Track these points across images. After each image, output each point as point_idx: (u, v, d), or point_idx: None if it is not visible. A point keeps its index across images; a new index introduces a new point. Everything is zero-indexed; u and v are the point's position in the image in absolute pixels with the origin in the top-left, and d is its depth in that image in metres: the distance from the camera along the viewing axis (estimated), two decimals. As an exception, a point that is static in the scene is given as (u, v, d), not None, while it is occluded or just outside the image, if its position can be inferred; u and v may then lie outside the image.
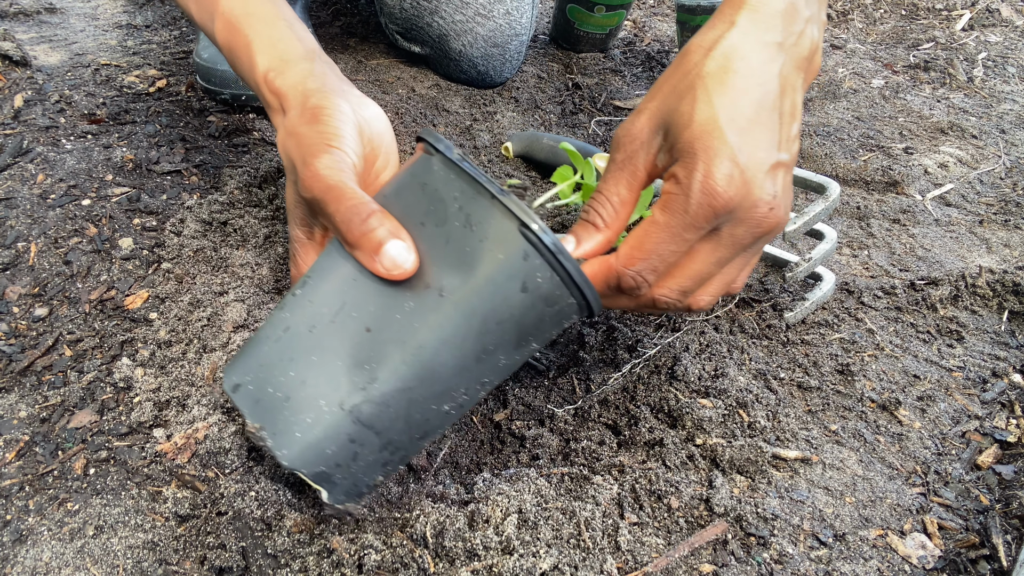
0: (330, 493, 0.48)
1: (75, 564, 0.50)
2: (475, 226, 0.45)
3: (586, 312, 0.49)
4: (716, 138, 0.48)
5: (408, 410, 0.47)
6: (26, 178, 0.84)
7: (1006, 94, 1.32)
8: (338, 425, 0.46)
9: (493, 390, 0.76)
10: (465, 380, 0.48)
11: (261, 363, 0.49)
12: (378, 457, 0.48)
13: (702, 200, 0.48)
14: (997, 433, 0.64)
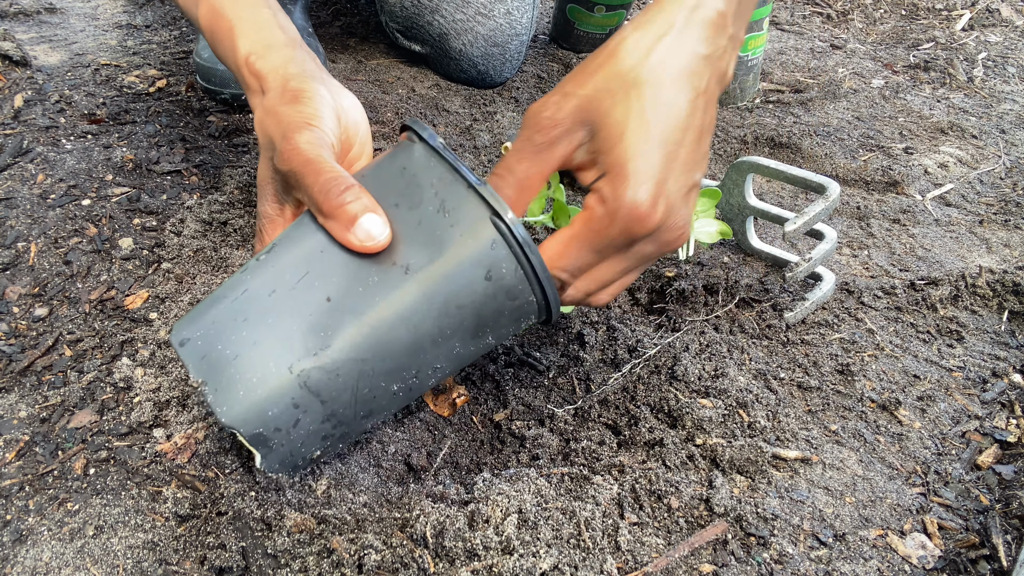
0: (264, 458, 0.48)
1: (75, 564, 0.50)
2: (448, 212, 0.46)
3: (544, 315, 0.50)
4: (647, 162, 0.48)
5: (357, 382, 0.47)
6: (26, 178, 0.84)
7: (1006, 94, 1.32)
8: (284, 387, 0.46)
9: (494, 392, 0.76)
10: (418, 361, 0.48)
11: (214, 320, 0.48)
12: (319, 428, 0.48)
13: (626, 225, 0.49)
14: (997, 433, 0.64)
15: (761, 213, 0.83)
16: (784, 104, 1.26)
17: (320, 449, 0.50)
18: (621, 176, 0.48)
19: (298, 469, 0.51)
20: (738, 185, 0.83)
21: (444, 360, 0.49)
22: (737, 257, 0.85)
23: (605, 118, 0.49)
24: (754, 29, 1.15)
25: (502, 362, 0.79)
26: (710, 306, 0.76)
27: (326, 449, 0.51)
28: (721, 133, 1.15)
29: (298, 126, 0.54)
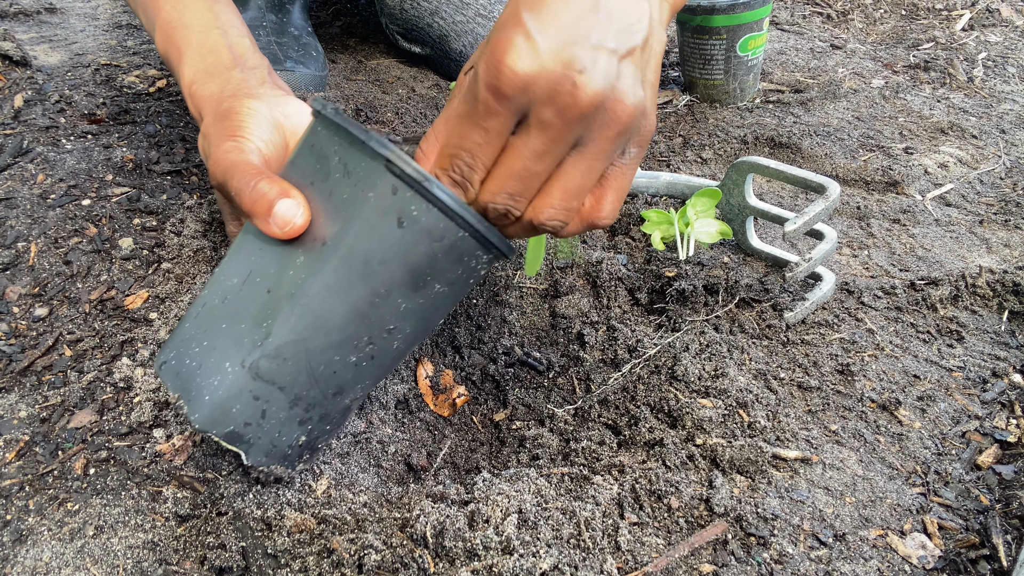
0: (247, 454, 0.49)
1: (75, 564, 0.50)
2: (351, 173, 0.46)
3: (492, 249, 0.48)
4: (510, 22, 0.43)
5: (308, 362, 0.48)
6: (26, 178, 0.84)
7: (1006, 94, 1.32)
8: (240, 383, 0.47)
9: (494, 392, 0.76)
10: (365, 327, 0.48)
11: (182, 338, 0.51)
12: (290, 414, 0.49)
13: (488, 78, 0.43)
14: (997, 433, 0.64)
15: (761, 213, 0.83)
16: (784, 104, 1.26)
17: (304, 434, 0.51)
18: (488, 43, 0.44)
19: (291, 458, 0.52)
20: (738, 185, 0.83)
21: (395, 319, 0.49)
22: (737, 257, 0.85)
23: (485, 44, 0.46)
24: (754, 29, 1.15)
25: (502, 362, 0.79)
26: (710, 306, 0.76)
27: (311, 433, 0.51)
28: (721, 133, 1.15)
29: (221, 140, 0.56)
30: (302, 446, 0.52)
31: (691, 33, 1.18)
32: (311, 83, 1.02)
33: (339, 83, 1.18)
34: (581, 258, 0.83)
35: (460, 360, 0.82)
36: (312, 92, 1.01)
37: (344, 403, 0.52)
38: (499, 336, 0.82)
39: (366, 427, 0.70)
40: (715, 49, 1.18)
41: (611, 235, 0.89)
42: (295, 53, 1.04)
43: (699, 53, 1.19)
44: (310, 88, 1.02)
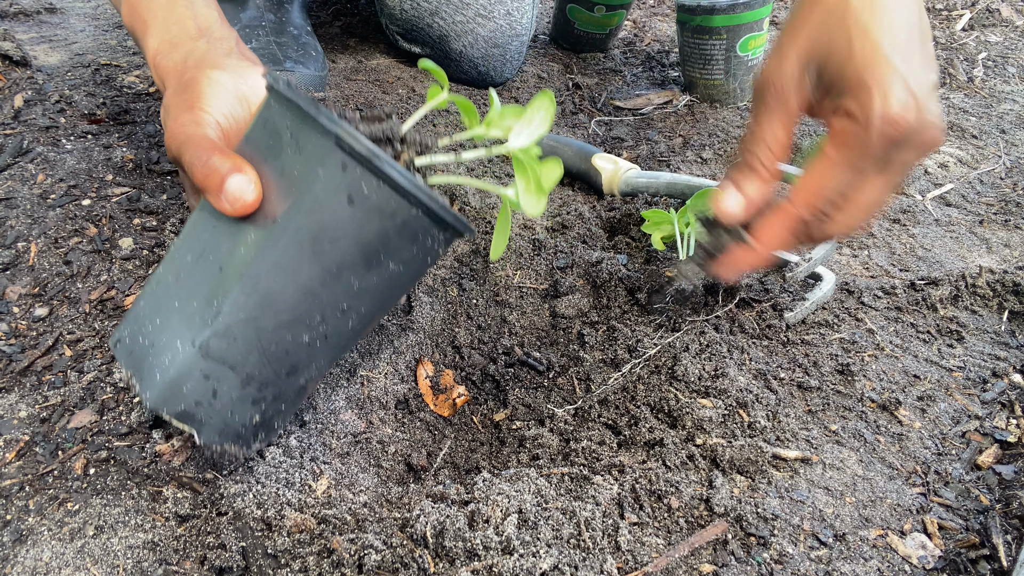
0: (200, 433, 0.49)
1: (75, 564, 0.50)
2: (302, 149, 0.45)
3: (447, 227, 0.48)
4: (885, 67, 0.48)
5: (259, 341, 0.47)
6: (26, 178, 0.84)
7: (1006, 94, 1.32)
8: (190, 362, 0.47)
9: (494, 392, 0.76)
10: (317, 306, 0.47)
11: (136, 316, 0.51)
12: (242, 394, 0.49)
13: (883, 130, 0.49)
14: (997, 433, 0.64)
15: (761, 213, 0.83)
16: (784, 104, 1.26)
17: (257, 414, 0.50)
18: (862, 87, 0.49)
19: (245, 438, 0.51)
20: (738, 185, 0.83)
21: (349, 299, 0.48)
22: (737, 257, 0.85)
23: (829, 50, 0.51)
24: (754, 29, 1.15)
25: (502, 362, 0.79)
26: (710, 306, 0.76)
27: (266, 413, 0.51)
28: (721, 133, 1.15)
29: (179, 112, 0.54)
30: (257, 425, 0.51)
31: (691, 33, 1.18)
32: (311, 83, 1.02)
33: (339, 83, 1.18)
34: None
35: (460, 360, 0.82)
36: (312, 92, 1.01)
37: (299, 383, 0.51)
38: (499, 336, 0.82)
39: (366, 427, 0.70)
40: (715, 49, 1.18)
41: (611, 235, 0.89)
42: (294, 53, 1.04)
43: (699, 53, 1.19)
44: (310, 88, 1.01)
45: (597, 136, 1.15)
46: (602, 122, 1.19)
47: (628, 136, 1.15)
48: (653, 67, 1.40)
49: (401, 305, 0.82)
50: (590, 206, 0.93)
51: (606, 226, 0.90)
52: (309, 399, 0.67)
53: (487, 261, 0.84)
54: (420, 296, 0.82)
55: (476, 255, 0.85)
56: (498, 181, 0.93)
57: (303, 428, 0.65)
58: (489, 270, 0.84)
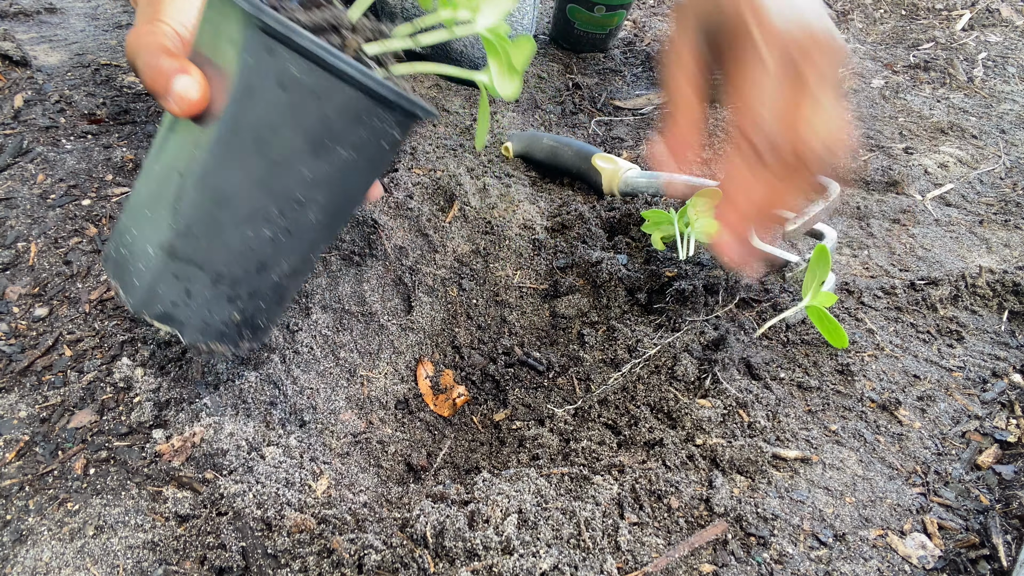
0: (183, 333, 0.51)
1: (75, 564, 0.50)
2: (234, 41, 0.45)
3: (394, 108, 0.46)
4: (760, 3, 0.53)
5: (221, 238, 0.49)
6: (26, 178, 0.84)
7: (1006, 94, 1.32)
8: (161, 265, 0.49)
9: (494, 392, 0.76)
10: (271, 199, 0.48)
11: (117, 232, 0.53)
12: (215, 292, 0.51)
13: (769, 40, 0.52)
14: (997, 433, 0.64)
15: (761, 213, 0.83)
16: (784, 104, 1.26)
17: (236, 312, 0.52)
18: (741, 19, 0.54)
19: (229, 336, 0.53)
20: (738, 185, 0.83)
21: (303, 189, 0.48)
22: (737, 257, 0.85)
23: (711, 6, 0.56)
24: (754, 29, 1.15)
25: (502, 362, 0.79)
26: (710, 306, 0.76)
27: (245, 312, 0.52)
28: (721, 133, 1.15)
29: (139, 25, 0.56)
30: (239, 324, 0.53)
31: (691, 33, 1.18)
32: None
33: (339, 83, 1.18)
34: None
35: (460, 360, 0.82)
36: None
37: (272, 279, 0.52)
38: (499, 336, 0.82)
39: (366, 427, 0.70)
40: (715, 49, 1.18)
41: (611, 235, 0.89)
42: None
43: (699, 53, 1.19)
44: None
45: (597, 136, 1.15)
46: (602, 122, 1.19)
47: (628, 136, 1.15)
48: (653, 67, 1.40)
49: (401, 305, 0.82)
50: (590, 206, 0.93)
51: (606, 226, 0.90)
52: (308, 402, 0.67)
53: (487, 261, 0.84)
54: (420, 296, 0.82)
55: (476, 255, 0.85)
56: (498, 181, 0.93)
57: (303, 428, 0.65)
58: (489, 270, 0.84)
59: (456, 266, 0.84)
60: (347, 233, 0.83)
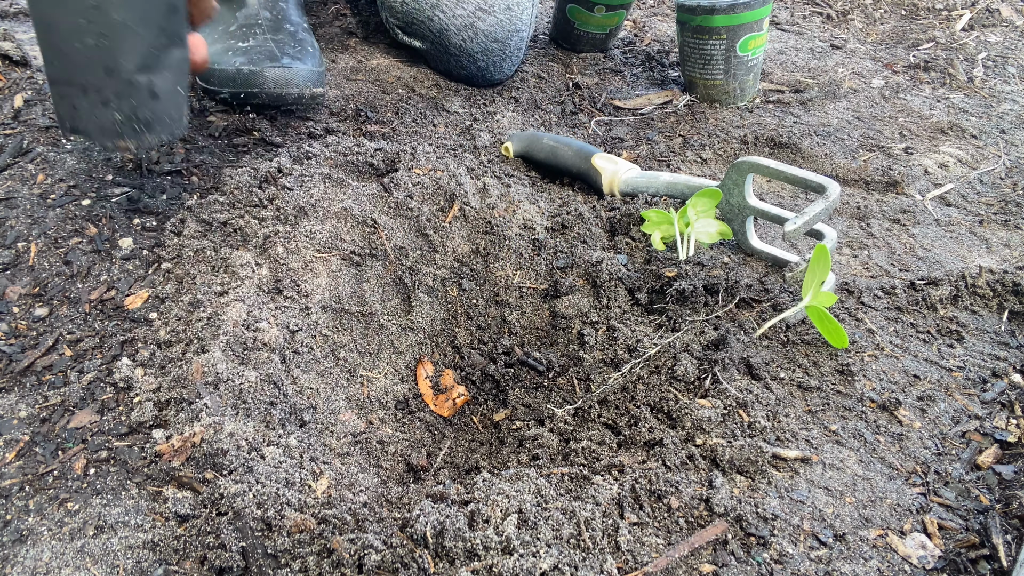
0: (89, 138, 0.66)
1: (75, 564, 0.50)
2: None
3: None
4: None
5: (65, 56, 0.63)
6: (26, 178, 0.84)
7: (1006, 94, 1.32)
8: (52, 92, 0.65)
9: (494, 392, 0.76)
10: (70, 12, 0.60)
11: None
12: (90, 100, 0.65)
13: None
14: (997, 433, 0.64)
15: (761, 213, 0.83)
16: (784, 104, 1.26)
17: (117, 112, 0.66)
18: None
19: (127, 134, 0.67)
20: (738, 185, 0.83)
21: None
22: (737, 257, 0.85)
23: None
24: (754, 29, 1.15)
25: (502, 362, 0.79)
26: (710, 306, 0.76)
27: (123, 110, 0.66)
28: (721, 133, 1.15)
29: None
30: (125, 121, 0.67)
31: (691, 33, 1.18)
32: (308, 78, 1.02)
33: (339, 83, 1.18)
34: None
35: (460, 360, 0.82)
36: (311, 88, 1.02)
37: (124, 79, 0.65)
38: (499, 336, 0.82)
39: (366, 427, 0.70)
40: (715, 49, 1.18)
41: (611, 235, 0.89)
42: (291, 49, 1.04)
43: (699, 53, 1.19)
44: (308, 83, 1.02)
45: (597, 136, 1.15)
46: (602, 122, 1.19)
47: (628, 136, 1.15)
48: (653, 67, 1.40)
49: (401, 305, 0.82)
50: (590, 206, 0.93)
51: (606, 226, 0.90)
52: (308, 402, 0.67)
53: (487, 261, 0.84)
54: (420, 296, 0.82)
55: (476, 255, 0.85)
56: (498, 181, 0.93)
57: (303, 428, 0.65)
58: (489, 270, 0.84)
59: (456, 266, 0.84)
60: (347, 233, 0.83)
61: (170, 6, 0.67)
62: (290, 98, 1.02)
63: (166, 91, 0.68)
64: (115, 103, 0.65)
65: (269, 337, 0.67)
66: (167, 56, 0.68)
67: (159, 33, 0.66)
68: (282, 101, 1.02)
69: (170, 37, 0.67)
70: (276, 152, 0.95)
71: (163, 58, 0.67)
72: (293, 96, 1.02)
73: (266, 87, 1.00)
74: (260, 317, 0.69)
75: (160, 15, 0.66)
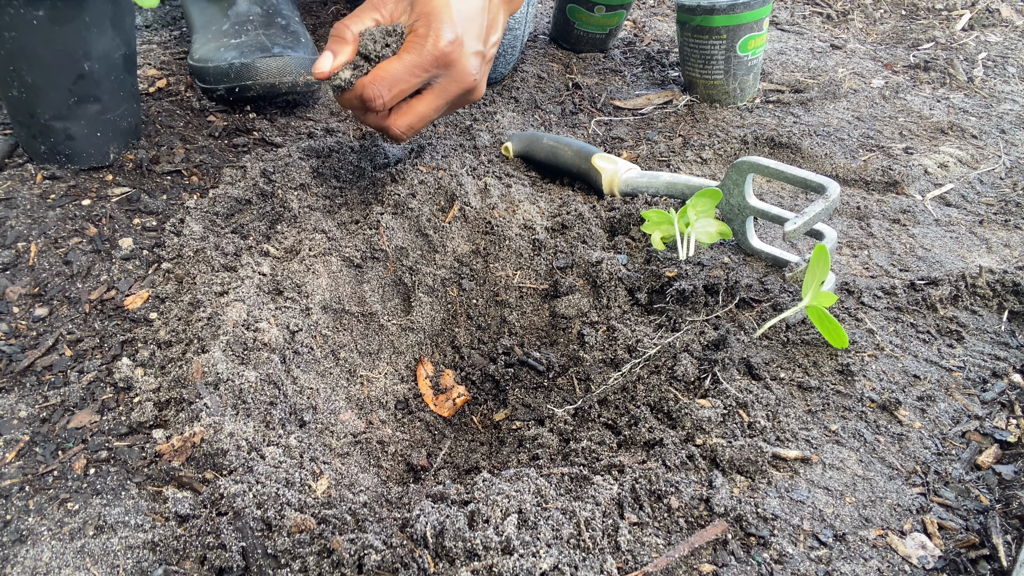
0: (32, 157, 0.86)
1: (75, 564, 0.50)
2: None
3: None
4: (447, 14, 0.73)
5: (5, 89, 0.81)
6: (26, 178, 0.84)
7: (1006, 94, 1.33)
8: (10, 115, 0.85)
9: (494, 392, 0.76)
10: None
11: None
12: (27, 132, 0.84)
13: (432, 49, 0.73)
14: (997, 433, 0.64)
15: (761, 213, 0.83)
16: (784, 104, 1.26)
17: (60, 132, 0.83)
18: (429, 18, 0.74)
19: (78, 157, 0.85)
20: (738, 185, 0.83)
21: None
22: (737, 257, 0.85)
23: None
24: (754, 29, 1.15)
25: (502, 362, 0.79)
26: (710, 306, 0.76)
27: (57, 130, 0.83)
28: (721, 133, 1.15)
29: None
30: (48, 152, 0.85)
31: (691, 33, 1.18)
32: (302, 65, 1.02)
33: (339, 83, 1.18)
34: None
35: (460, 360, 0.82)
36: (304, 75, 1.01)
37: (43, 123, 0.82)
38: (499, 336, 0.82)
39: (366, 427, 0.70)
40: (715, 49, 1.18)
41: (611, 235, 0.90)
42: (283, 40, 1.04)
43: (699, 53, 1.19)
44: (302, 71, 1.02)
45: (597, 136, 1.15)
46: (602, 122, 1.19)
47: (628, 136, 1.15)
48: (653, 67, 1.40)
49: (401, 305, 0.82)
50: (590, 206, 0.93)
51: (606, 226, 0.90)
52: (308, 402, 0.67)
53: (487, 261, 0.84)
54: (420, 296, 0.82)
55: (476, 255, 0.85)
56: (498, 181, 0.93)
57: (303, 428, 0.65)
58: (489, 270, 0.84)
59: (456, 266, 0.84)
60: (347, 233, 0.83)
61: (79, 75, 0.81)
62: (284, 87, 1.01)
63: (82, 134, 0.85)
64: (40, 138, 0.83)
65: (269, 337, 0.67)
66: (80, 109, 0.83)
67: (68, 94, 0.81)
68: (276, 91, 1.02)
69: (81, 97, 0.82)
70: (275, 152, 0.95)
71: (76, 111, 0.82)
72: (287, 84, 1.01)
73: (259, 78, 1.00)
74: (260, 317, 0.69)
75: (68, 81, 0.80)
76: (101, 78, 0.83)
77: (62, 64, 0.79)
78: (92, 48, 0.80)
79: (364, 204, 0.87)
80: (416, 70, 0.74)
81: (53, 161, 0.85)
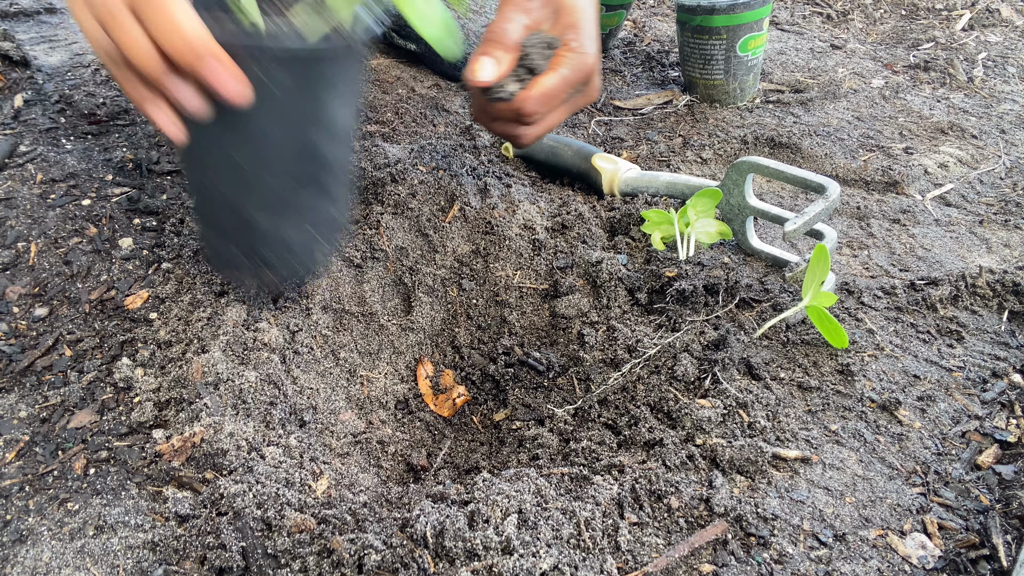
0: (213, 267, 0.72)
1: (75, 564, 0.50)
2: None
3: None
4: (590, 28, 0.73)
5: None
6: (26, 178, 0.84)
7: (1006, 94, 1.32)
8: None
9: (494, 392, 0.76)
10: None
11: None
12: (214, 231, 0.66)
13: (583, 66, 0.72)
14: (997, 433, 0.64)
15: (761, 213, 0.83)
16: (784, 104, 1.26)
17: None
18: (577, 29, 0.72)
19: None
20: (738, 185, 0.83)
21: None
22: (737, 257, 0.85)
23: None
24: (754, 29, 1.15)
25: (502, 362, 0.79)
26: (710, 306, 0.76)
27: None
28: (721, 133, 1.15)
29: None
30: (243, 256, 0.64)
31: (691, 33, 1.18)
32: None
33: (339, 83, 1.18)
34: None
35: (460, 360, 0.82)
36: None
37: (243, 216, 0.62)
38: (499, 336, 0.82)
39: (366, 427, 0.70)
40: (715, 49, 1.18)
41: (611, 235, 0.89)
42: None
43: (699, 53, 1.19)
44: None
45: (597, 136, 1.15)
46: (602, 122, 1.19)
47: (628, 136, 1.15)
48: (653, 67, 1.40)
49: (401, 305, 0.82)
50: (590, 206, 0.93)
51: (606, 226, 0.90)
52: (308, 402, 0.67)
53: (487, 261, 0.84)
54: (420, 296, 0.82)
55: (476, 255, 0.85)
56: (499, 181, 0.93)
57: (303, 428, 0.65)
58: (489, 270, 0.84)
59: (456, 266, 0.84)
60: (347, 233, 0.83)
61: (304, 153, 0.60)
62: None
63: (287, 232, 0.62)
64: (233, 237, 0.62)
65: (269, 337, 0.67)
66: (293, 199, 0.61)
67: (284, 177, 0.59)
68: None
69: (300, 182, 0.60)
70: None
71: (288, 201, 0.61)
72: None
73: None
74: (260, 317, 0.69)
75: (288, 160, 0.59)
76: (334, 157, 0.65)
77: None
78: None
79: (364, 204, 0.87)
80: (568, 86, 0.72)
81: (244, 269, 0.66)
